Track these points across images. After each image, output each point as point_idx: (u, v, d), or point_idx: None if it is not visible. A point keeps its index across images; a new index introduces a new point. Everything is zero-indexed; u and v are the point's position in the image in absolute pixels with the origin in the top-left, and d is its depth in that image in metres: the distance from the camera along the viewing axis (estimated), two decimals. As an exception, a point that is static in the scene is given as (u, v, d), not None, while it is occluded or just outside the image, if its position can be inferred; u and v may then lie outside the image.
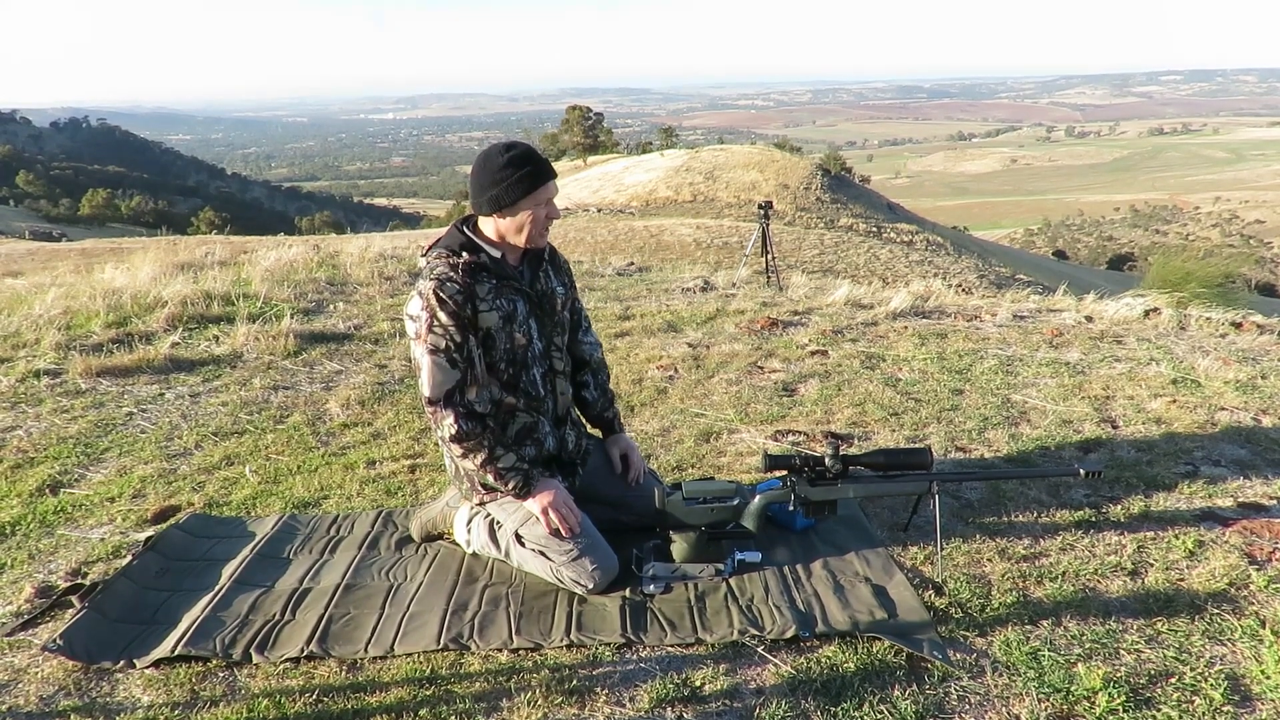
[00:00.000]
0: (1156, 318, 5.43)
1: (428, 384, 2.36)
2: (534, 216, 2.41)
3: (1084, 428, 3.61)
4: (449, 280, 2.34)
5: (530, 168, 2.37)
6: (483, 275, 2.40)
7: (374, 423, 3.88)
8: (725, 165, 44.34)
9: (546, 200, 2.43)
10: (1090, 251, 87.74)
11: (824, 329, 5.23)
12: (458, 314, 2.33)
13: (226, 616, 2.34)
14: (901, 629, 2.22)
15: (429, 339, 2.34)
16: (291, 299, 6.09)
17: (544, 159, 2.43)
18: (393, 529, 2.85)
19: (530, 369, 2.50)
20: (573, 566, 2.41)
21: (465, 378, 2.37)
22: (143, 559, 2.63)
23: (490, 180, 2.37)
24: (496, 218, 2.41)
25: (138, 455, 3.57)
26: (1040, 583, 2.45)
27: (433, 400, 2.36)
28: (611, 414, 2.81)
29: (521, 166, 2.36)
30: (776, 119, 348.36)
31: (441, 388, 2.35)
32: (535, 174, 2.38)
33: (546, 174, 2.41)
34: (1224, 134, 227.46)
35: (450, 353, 2.34)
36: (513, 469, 2.42)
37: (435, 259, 2.41)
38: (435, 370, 2.34)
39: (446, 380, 2.35)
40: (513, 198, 2.37)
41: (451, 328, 2.33)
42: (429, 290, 2.33)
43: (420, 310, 2.35)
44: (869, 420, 3.75)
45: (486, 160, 2.40)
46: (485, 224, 2.46)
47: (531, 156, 2.39)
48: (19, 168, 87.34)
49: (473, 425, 2.36)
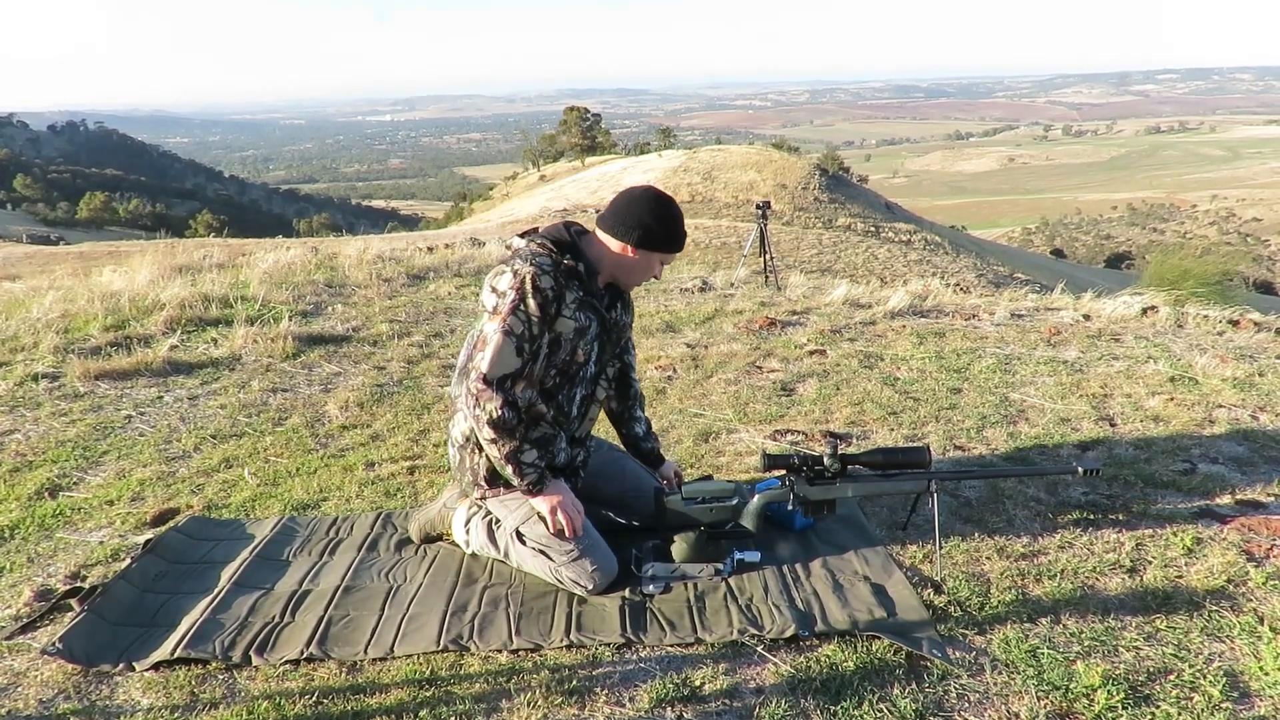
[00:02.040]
0: (1154, 316, 5.44)
1: (489, 362, 2.32)
2: (652, 265, 2.49)
3: (1082, 426, 3.61)
4: (546, 273, 2.35)
5: (679, 233, 2.48)
6: (574, 283, 2.42)
7: (373, 425, 3.88)
8: (723, 165, 44.39)
9: (665, 263, 2.53)
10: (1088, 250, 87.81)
11: (822, 328, 5.24)
12: (544, 307, 2.34)
13: (226, 619, 2.34)
14: (901, 627, 2.22)
15: (509, 320, 2.32)
16: (290, 301, 6.09)
17: (685, 231, 2.53)
18: (392, 530, 2.85)
19: (575, 387, 2.52)
20: (573, 567, 2.42)
21: (524, 369, 2.37)
22: (141, 562, 2.63)
23: (653, 220, 2.42)
24: (628, 247, 2.43)
25: (136, 458, 3.57)
26: (1039, 581, 2.45)
27: (488, 379, 2.33)
28: (655, 445, 2.84)
29: (679, 228, 2.47)
30: (774, 119, 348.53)
31: (501, 370, 2.33)
32: (678, 239, 2.49)
33: (682, 244, 2.51)
34: (1221, 132, 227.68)
35: (523, 340, 2.33)
36: (532, 465, 2.42)
37: (538, 247, 2.42)
38: (503, 352, 2.32)
39: (508, 365, 2.34)
40: (654, 244, 2.43)
41: (535, 318, 2.33)
42: (528, 273, 2.32)
43: (510, 288, 2.33)
44: (867, 419, 3.75)
45: (658, 203, 2.46)
46: (605, 243, 2.47)
47: (682, 223, 2.49)
48: (16, 171, 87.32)
49: (513, 415, 2.36)
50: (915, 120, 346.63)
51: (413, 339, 5.24)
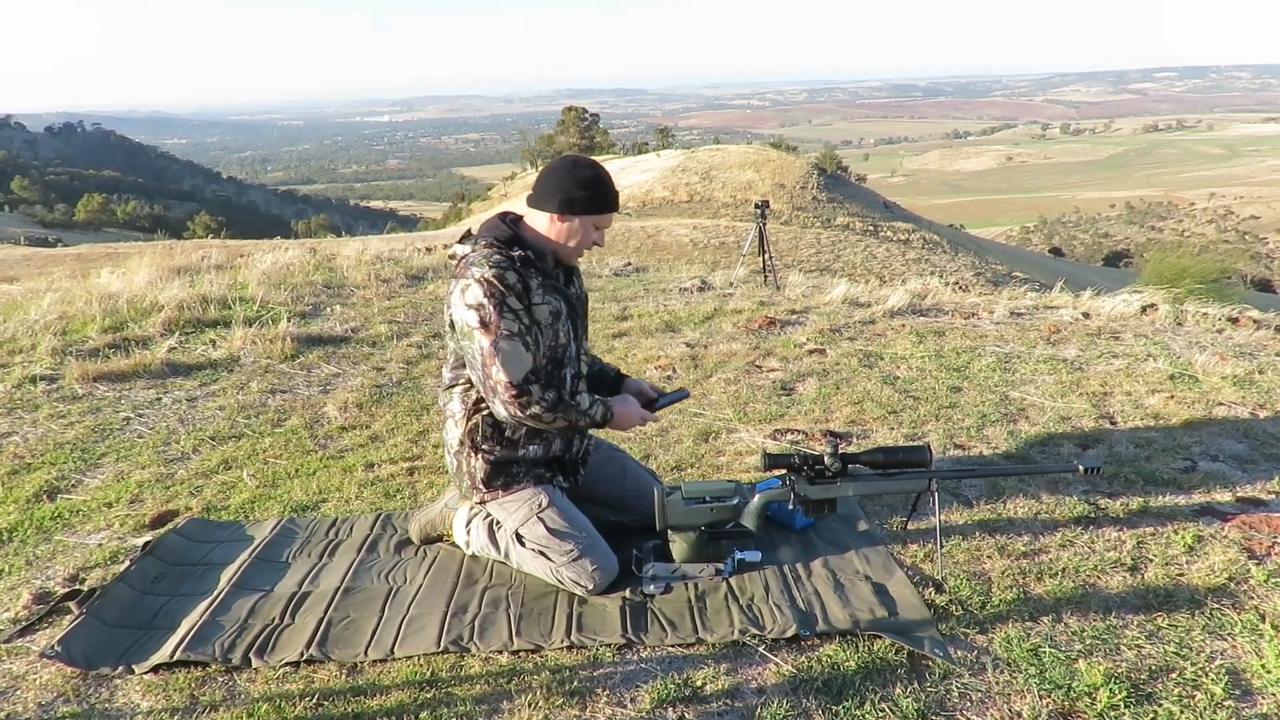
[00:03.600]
0: (1153, 314, 5.43)
1: (508, 369, 2.31)
2: (587, 232, 2.46)
3: (1082, 424, 3.61)
4: (509, 268, 2.35)
5: (607, 191, 2.46)
6: (532, 271, 2.42)
7: (372, 425, 3.88)
8: (721, 165, 44.36)
9: (602, 226, 2.50)
10: (1086, 248, 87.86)
11: (822, 328, 5.23)
12: (521, 299, 2.36)
13: (225, 621, 2.33)
14: (902, 627, 2.22)
15: (502, 325, 2.32)
16: (288, 302, 6.08)
17: (616, 190, 2.52)
18: (392, 531, 2.85)
19: (564, 369, 2.52)
20: (573, 567, 2.41)
21: (536, 362, 2.37)
22: (140, 564, 2.62)
23: (571, 183, 2.41)
24: (556, 218, 2.43)
25: (135, 460, 3.56)
26: (1040, 579, 2.45)
27: (517, 384, 2.32)
28: (611, 368, 2.82)
29: (601, 187, 2.45)
30: (772, 118, 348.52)
31: (523, 370, 2.33)
32: (608, 198, 2.47)
33: (614, 203, 2.50)
34: (1219, 130, 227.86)
35: (524, 335, 2.34)
36: (593, 403, 2.47)
37: (485, 249, 2.41)
38: (515, 354, 2.32)
39: (526, 362, 2.34)
40: (582, 208, 2.42)
41: (521, 312, 2.35)
42: (492, 276, 2.32)
43: (485, 298, 2.32)
44: (867, 418, 3.75)
45: (574, 166, 2.45)
46: (537, 221, 2.47)
47: (610, 182, 2.49)
48: (14, 173, 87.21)
49: (554, 394, 2.38)
50: (913, 119, 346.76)
51: (411, 339, 5.23)
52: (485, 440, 2.49)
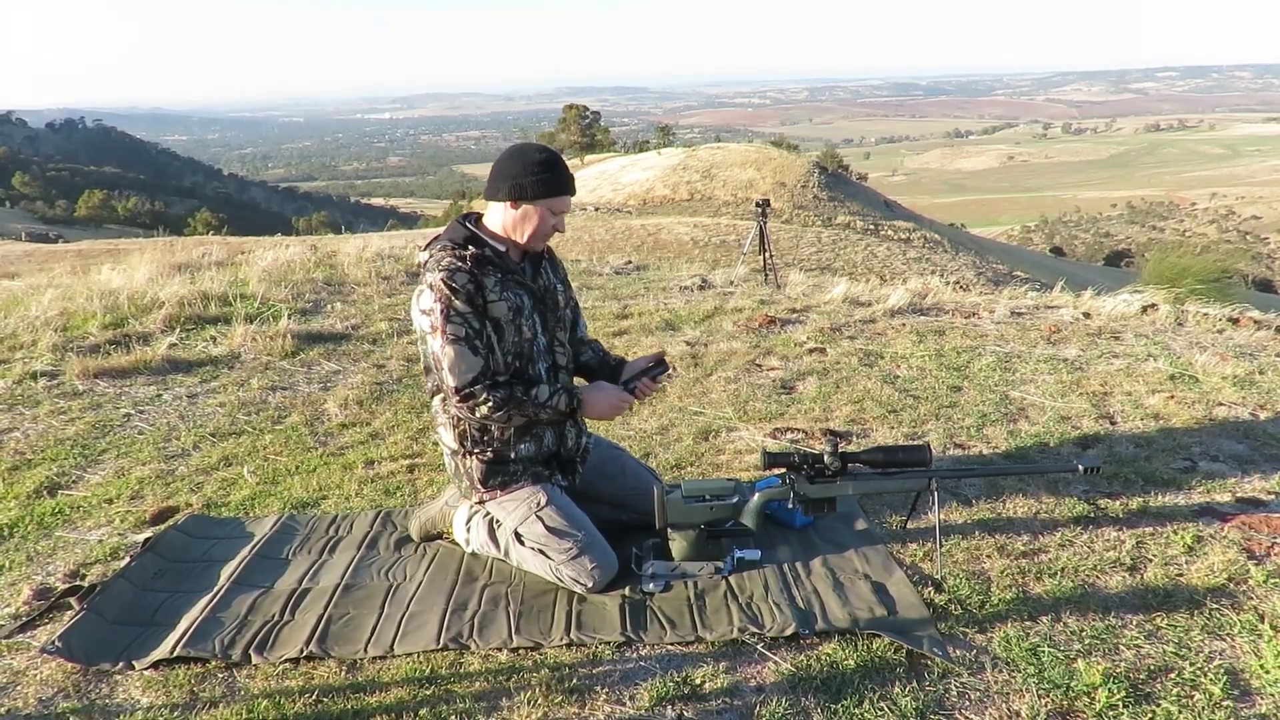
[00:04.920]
0: (1154, 314, 5.43)
1: (454, 373, 2.35)
2: (542, 218, 2.45)
3: (1082, 424, 3.61)
4: (458, 270, 2.36)
5: (558, 174, 2.45)
6: (489, 268, 2.42)
7: (372, 423, 3.88)
8: (722, 164, 44.34)
9: (559, 211, 2.48)
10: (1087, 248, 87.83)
11: (822, 327, 5.23)
12: (471, 300, 2.35)
13: (225, 617, 2.33)
14: (901, 626, 2.22)
15: (448, 330, 2.34)
16: (289, 299, 6.08)
17: (571, 174, 2.50)
18: (391, 529, 2.85)
19: (535, 363, 2.51)
20: (572, 565, 2.41)
21: (488, 364, 2.38)
22: (141, 560, 2.63)
23: (519, 169, 2.41)
24: (509, 206, 2.43)
25: (135, 456, 3.56)
26: (1040, 579, 2.45)
27: (460, 388, 2.35)
28: (613, 357, 2.78)
29: (552, 170, 2.43)
30: (773, 117, 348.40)
31: (468, 374, 2.35)
32: (560, 181, 2.45)
33: (568, 187, 2.48)
34: (1220, 130, 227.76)
35: (472, 339, 2.35)
36: (553, 394, 2.45)
37: (440, 252, 2.42)
38: (459, 359, 2.34)
39: (472, 367, 2.35)
40: (533, 194, 2.41)
41: (469, 314, 2.35)
42: (440, 281, 2.34)
43: (433, 303, 2.35)
44: (868, 418, 3.75)
45: (521, 152, 2.45)
46: (493, 214, 2.48)
47: (562, 165, 2.47)
48: (15, 169, 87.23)
49: (503, 392, 2.38)
50: (914, 118, 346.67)
51: (412, 337, 5.23)
52: (476, 443, 2.51)
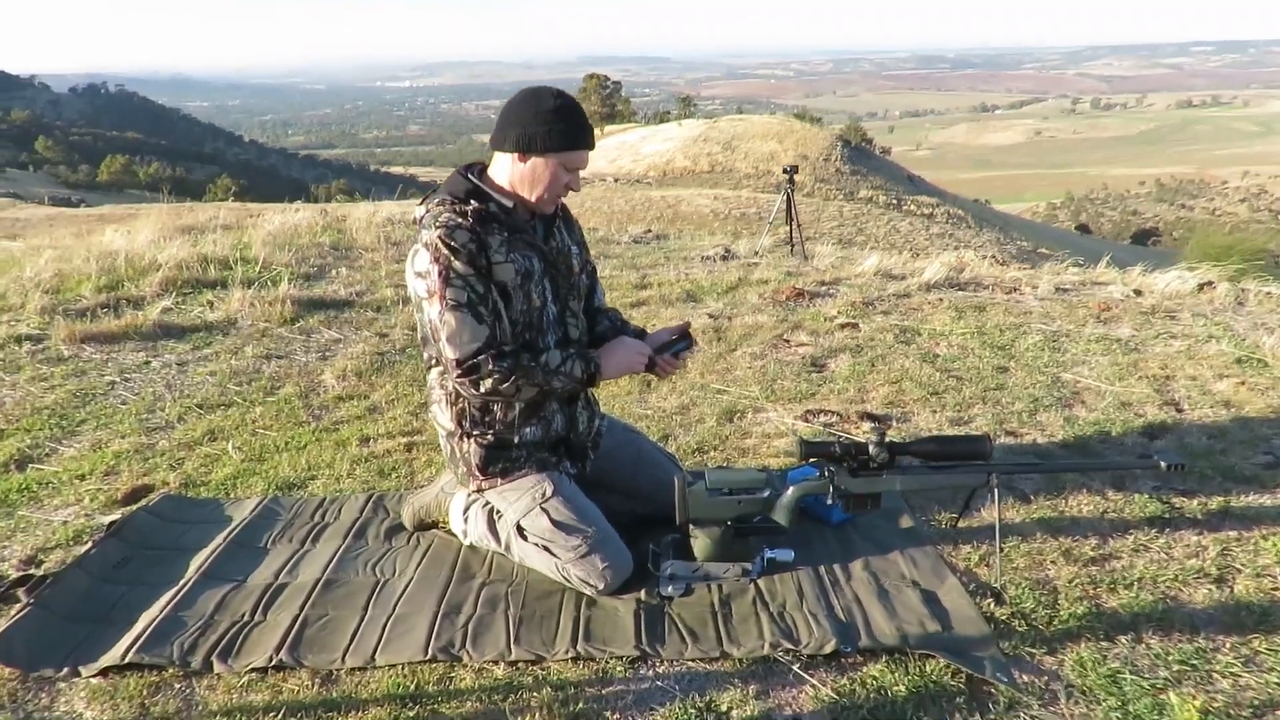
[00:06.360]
0: (1211, 292, 5.06)
1: (454, 344, 2.03)
2: (554, 175, 2.11)
3: (1145, 410, 3.28)
4: (458, 227, 2.04)
5: (575, 125, 2.10)
6: (493, 226, 2.09)
7: (371, 395, 3.61)
8: (744, 135, 43.63)
9: (574, 168, 2.14)
10: (1114, 226, 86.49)
11: (853, 300, 4.90)
12: (473, 261, 2.03)
13: (189, 616, 2.07)
14: (958, 644, 1.93)
15: (448, 294, 2.02)
16: (292, 264, 5.80)
17: (590, 126, 2.15)
18: (383, 515, 2.58)
19: (545, 335, 2.20)
20: (581, 564, 2.13)
21: (494, 333, 2.06)
22: (103, 546, 2.37)
23: (530, 116, 2.06)
24: (517, 158, 2.10)
25: (115, 428, 3.31)
26: (1114, 590, 2.14)
27: (462, 360, 2.03)
28: (633, 327, 2.45)
29: (567, 120, 2.08)
30: (796, 89, 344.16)
31: (471, 344, 2.02)
32: (576, 133, 2.10)
33: (586, 140, 2.13)
34: (1254, 106, 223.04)
35: (475, 305, 2.03)
36: (566, 359, 2.14)
37: (437, 206, 2.11)
38: (461, 327, 2.02)
39: (476, 336, 2.03)
40: (544, 146, 2.07)
41: (471, 277, 2.03)
42: (437, 239, 2.03)
43: (430, 264, 2.04)
44: (907, 400, 3.44)
45: (534, 96, 2.10)
46: (499, 165, 2.15)
47: (579, 115, 2.12)
48: (38, 133, 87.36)
49: (509, 361, 2.05)
50: (940, 92, 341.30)
51: (418, 305, 4.95)
52: (475, 424, 2.20)
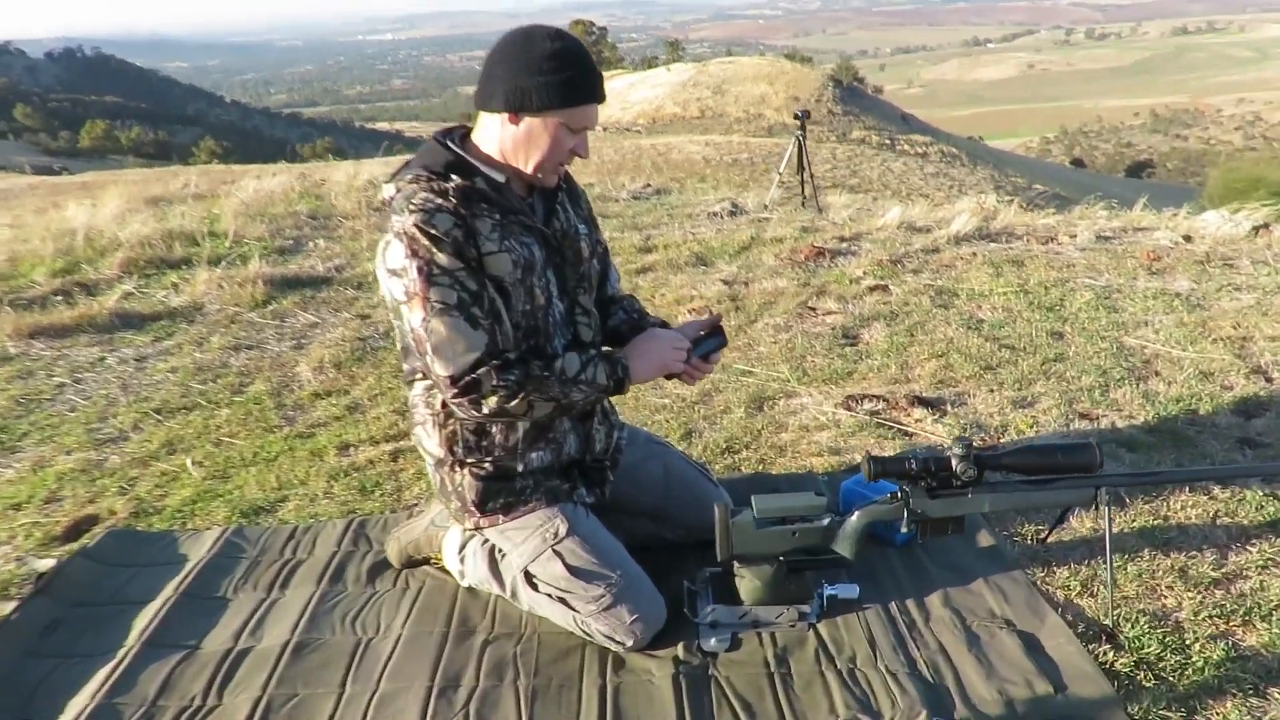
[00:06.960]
0: (1268, 236, 4.65)
1: (444, 357, 1.60)
2: (555, 138, 1.66)
3: (1232, 381, 2.89)
4: (438, 210, 1.60)
5: (580, 73, 1.64)
6: (482, 207, 1.65)
7: (351, 391, 3.21)
8: (734, 79, 42.63)
9: (580, 127, 1.68)
10: (1108, 159, 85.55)
11: (879, 258, 4.47)
12: (460, 252, 1.61)
13: (126, 705, 1.68)
14: (1075, 710, 1.55)
15: (433, 296, 1.59)
16: (265, 236, 5.34)
17: (598, 73, 1.67)
18: (365, 547, 2.19)
19: (551, 339, 1.77)
20: (605, 618, 1.74)
21: (495, 340, 1.64)
22: (28, 609, 1.97)
23: (523, 66, 1.62)
24: (508, 119, 1.65)
25: (60, 442, 2.90)
26: (1249, 623, 1.77)
27: (458, 376, 1.60)
28: (653, 319, 2.01)
29: (571, 67, 1.63)
30: (786, 29, 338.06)
31: (467, 356, 1.60)
32: (583, 84, 1.65)
33: (594, 92, 1.67)
34: (1250, 31, 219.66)
35: (468, 307, 1.61)
36: (587, 363, 1.72)
37: (410, 184, 1.66)
38: (452, 336, 1.59)
39: (472, 345, 1.60)
40: (542, 102, 1.62)
41: (460, 272, 1.61)
42: (413, 227, 1.58)
43: (406, 259, 1.60)
44: (958, 377, 3.04)
45: (527, 41, 1.64)
46: (486, 129, 1.70)
47: (585, 60, 1.65)
48: (16, 101, 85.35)
49: (517, 372, 1.64)
50: (931, 26, 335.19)
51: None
52: (470, 451, 1.78)
